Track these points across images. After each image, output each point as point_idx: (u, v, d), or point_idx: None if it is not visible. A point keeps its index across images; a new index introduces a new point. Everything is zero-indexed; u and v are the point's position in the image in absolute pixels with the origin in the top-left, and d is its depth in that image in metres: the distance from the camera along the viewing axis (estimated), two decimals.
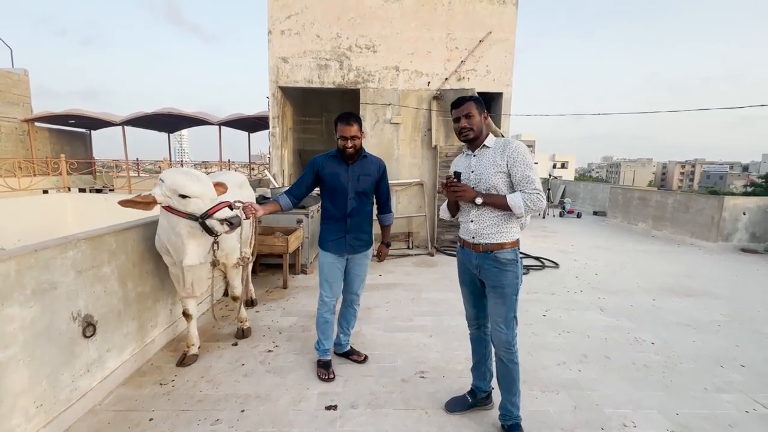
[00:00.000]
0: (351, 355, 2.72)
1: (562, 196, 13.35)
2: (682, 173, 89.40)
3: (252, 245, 2.61)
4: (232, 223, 2.15)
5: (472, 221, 1.89)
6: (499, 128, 6.16)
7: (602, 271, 5.15)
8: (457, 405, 2.17)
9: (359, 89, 6.13)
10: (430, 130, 6.21)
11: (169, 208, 2.21)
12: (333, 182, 2.35)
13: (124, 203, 2.15)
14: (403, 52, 6.06)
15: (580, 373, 2.60)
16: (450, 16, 5.99)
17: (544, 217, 10.62)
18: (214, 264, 2.41)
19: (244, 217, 2.19)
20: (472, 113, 1.84)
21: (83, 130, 16.01)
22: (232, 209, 2.19)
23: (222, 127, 13.86)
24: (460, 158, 2.01)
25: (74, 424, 1.99)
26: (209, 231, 2.19)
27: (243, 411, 2.14)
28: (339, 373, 2.55)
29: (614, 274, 5.06)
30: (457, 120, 1.88)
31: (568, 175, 60.80)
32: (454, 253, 5.95)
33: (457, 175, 1.87)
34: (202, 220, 2.16)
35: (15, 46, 15.55)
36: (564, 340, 3.10)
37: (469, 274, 2.00)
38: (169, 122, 14.49)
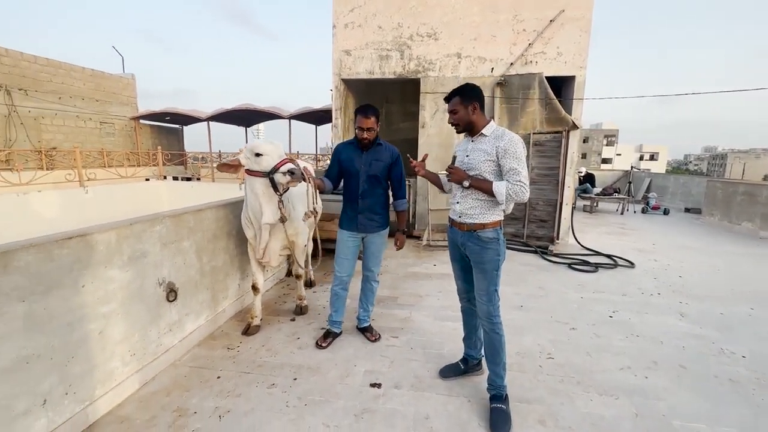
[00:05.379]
0: (366, 332, 2.88)
1: (647, 190, 11.94)
2: None
3: (316, 209, 2.75)
4: (293, 173, 2.37)
5: (458, 202, 2.05)
6: (570, 114, 5.71)
7: (688, 274, 4.56)
8: (450, 371, 2.38)
9: (419, 78, 6.09)
10: (492, 118, 5.96)
11: (249, 171, 2.55)
12: (348, 166, 2.59)
13: (219, 167, 2.64)
14: (465, 38, 5.88)
15: (647, 380, 2.37)
16: None
17: (622, 213, 9.65)
18: (283, 220, 2.64)
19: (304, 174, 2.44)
20: (456, 109, 1.98)
21: (177, 126, 18.14)
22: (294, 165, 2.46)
23: (292, 120, 14.72)
24: (462, 142, 2.15)
25: (159, 374, 2.33)
26: (275, 187, 2.49)
27: (295, 379, 2.32)
28: (386, 354, 2.63)
29: (703, 277, 4.45)
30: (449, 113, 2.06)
31: (659, 167, 54.21)
32: (514, 245, 5.71)
33: (453, 158, 2.10)
34: (271, 175, 2.45)
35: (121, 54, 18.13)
36: (631, 344, 2.83)
37: (457, 251, 2.15)
38: (245, 117, 15.78)
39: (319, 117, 14.33)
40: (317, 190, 2.56)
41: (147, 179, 12.57)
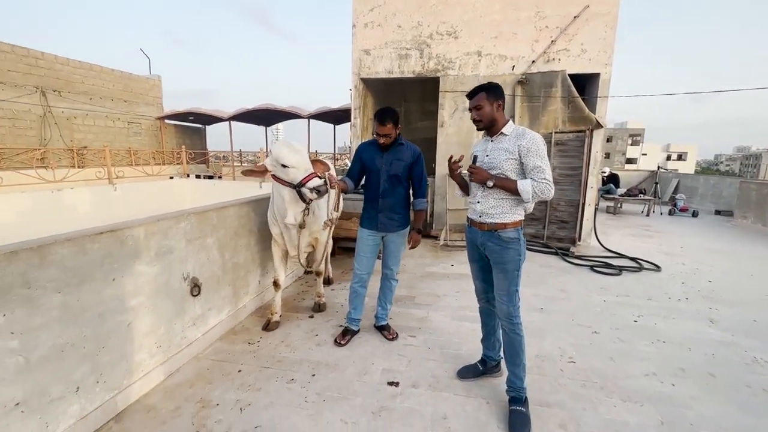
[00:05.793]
0: (383, 330, 2.89)
1: (675, 191, 11.51)
2: None
3: (338, 212, 2.82)
4: (319, 191, 2.45)
5: (478, 202, 2.03)
6: (594, 113, 5.55)
7: (718, 279, 4.37)
8: (468, 372, 2.37)
9: (439, 77, 6.05)
10: (512, 117, 5.87)
11: (275, 177, 2.62)
12: (369, 165, 2.63)
13: (244, 173, 2.71)
14: (486, 36, 5.80)
15: (674, 387, 2.29)
16: None
17: (648, 215, 9.33)
18: (302, 226, 2.74)
19: (329, 186, 2.52)
20: (481, 105, 1.95)
21: (200, 126, 18.59)
22: (320, 179, 2.51)
23: (310, 120, 14.87)
24: (480, 142, 2.14)
25: (183, 366, 2.40)
26: (302, 198, 2.55)
27: (314, 375, 2.35)
28: (403, 353, 2.63)
29: (735, 282, 4.26)
30: (471, 110, 2.02)
31: (688, 167, 52.15)
32: (535, 246, 5.60)
33: (474, 158, 2.05)
34: (298, 188, 2.51)
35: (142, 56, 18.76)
36: (657, 349, 2.74)
37: (476, 251, 2.13)
38: (266, 116, 16.04)
39: (337, 116, 14.42)
40: (340, 193, 2.58)
41: (171, 177, 12.95)
